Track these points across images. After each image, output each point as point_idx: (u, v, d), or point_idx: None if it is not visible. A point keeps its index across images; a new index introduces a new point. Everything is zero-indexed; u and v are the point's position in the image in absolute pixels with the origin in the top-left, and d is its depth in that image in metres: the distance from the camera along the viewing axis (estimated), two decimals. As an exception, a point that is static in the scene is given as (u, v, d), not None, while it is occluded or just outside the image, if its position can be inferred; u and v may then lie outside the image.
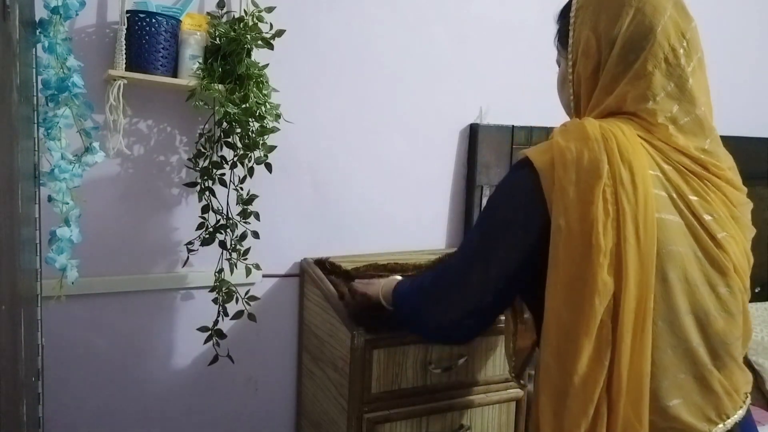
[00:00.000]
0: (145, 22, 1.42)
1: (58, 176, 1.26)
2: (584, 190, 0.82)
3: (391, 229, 1.87)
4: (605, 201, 0.82)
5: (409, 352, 1.43)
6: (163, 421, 1.69)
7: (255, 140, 1.52)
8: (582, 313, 0.82)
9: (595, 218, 0.81)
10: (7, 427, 0.88)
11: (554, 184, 0.84)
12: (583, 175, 0.83)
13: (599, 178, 0.82)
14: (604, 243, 0.81)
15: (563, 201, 0.83)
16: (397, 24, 1.82)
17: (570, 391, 0.84)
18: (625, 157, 0.84)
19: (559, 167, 0.84)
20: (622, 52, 0.90)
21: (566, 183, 0.83)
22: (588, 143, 0.84)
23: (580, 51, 0.94)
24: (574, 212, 0.82)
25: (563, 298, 0.84)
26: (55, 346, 1.51)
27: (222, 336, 1.58)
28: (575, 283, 0.83)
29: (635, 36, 0.89)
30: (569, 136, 0.87)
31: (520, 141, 1.94)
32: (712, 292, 0.87)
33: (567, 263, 0.83)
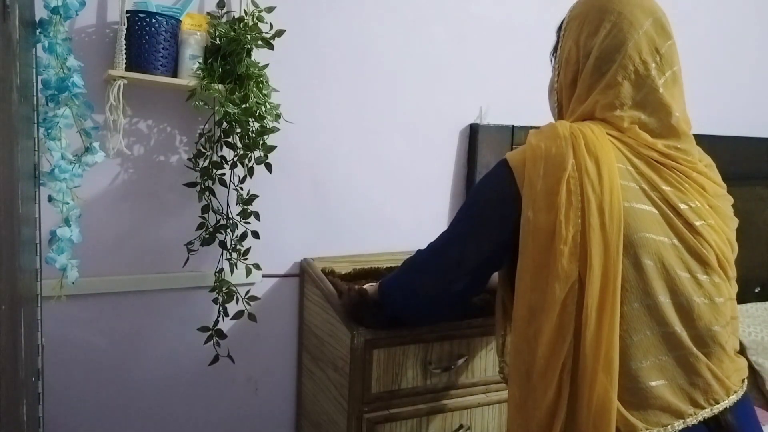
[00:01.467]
0: (145, 22, 1.42)
1: (58, 176, 1.26)
2: (550, 182, 0.88)
3: (391, 229, 1.87)
4: (569, 192, 0.87)
5: (409, 352, 1.43)
6: (163, 421, 1.69)
7: (255, 140, 1.52)
8: (545, 297, 0.88)
9: (559, 208, 0.87)
10: (7, 427, 0.88)
11: (525, 179, 0.91)
12: (550, 169, 0.89)
13: (564, 170, 0.88)
14: (565, 231, 0.86)
15: (531, 194, 0.89)
16: (397, 24, 1.82)
17: (533, 370, 0.90)
18: (591, 151, 0.89)
19: (529, 163, 0.91)
20: (596, 63, 0.96)
21: (534, 177, 0.90)
22: (556, 141, 0.91)
23: (563, 60, 1.02)
24: (541, 203, 0.88)
25: (530, 283, 0.90)
26: (55, 346, 1.51)
27: (222, 336, 1.59)
28: (541, 269, 0.89)
29: (608, 49, 0.95)
30: (540, 136, 0.94)
31: (520, 141, 1.94)
32: (693, 279, 0.90)
33: (534, 252, 0.89)
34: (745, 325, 2.03)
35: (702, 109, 1.04)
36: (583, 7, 1.01)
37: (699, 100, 1.04)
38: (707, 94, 2.05)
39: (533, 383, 0.90)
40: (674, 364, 0.89)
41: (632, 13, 0.96)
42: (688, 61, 1.03)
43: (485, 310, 1.52)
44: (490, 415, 1.54)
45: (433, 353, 1.45)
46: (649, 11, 0.98)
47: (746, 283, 2.28)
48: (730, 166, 1.18)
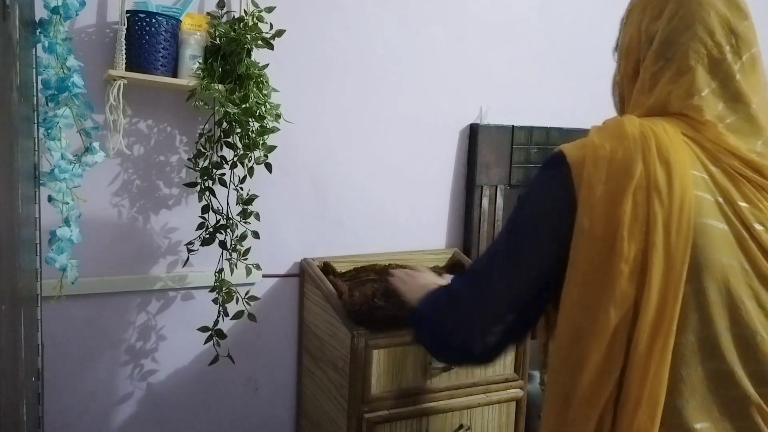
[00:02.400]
0: (145, 22, 1.42)
1: (58, 176, 1.26)
2: (613, 189, 0.77)
3: (391, 229, 1.87)
4: (635, 204, 0.76)
5: (409, 352, 1.43)
6: (163, 420, 1.69)
7: (255, 140, 1.52)
8: (596, 320, 0.77)
9: (621, 221, 0.76)
10: (7, 427, 0.88)
11: (583, 181, 0.79)
12: (614, 174, 0.77)
13: (630, 179, 0.77)
14: (627, 249, 0.76)
15: (589, 200, 0.78)
16: (397, 24, 1.82)
17: (574, 397, 0.80)
18: (663, 155, 0.78)
19: (589, 164, 0.79)
20: (661, 47, 0.86)
21: (595, 181, 0.78)
22: (624, 141, 0.79)
23: (624, 50, 0.92)
24: (600, 212, 0.77)
25: (578, 299, 0.79)
26: (55, 346, 1.51)
27: (222, 336, 1.58)
28: (592, 286, 0.78)
29: (675, 30, 0.85)
30: (605, 134, 0.82)
31: (520, 141, 1.94)
32: (761, 310, 0.79)
33: (586, 265, 0.78)
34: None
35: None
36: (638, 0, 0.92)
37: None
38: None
39: (572, 412, 0.81)
40: (722, 405, 0.79)
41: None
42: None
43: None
44: (490, 415, 1.54)
45: (433, 353, 1.45)
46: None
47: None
48: None
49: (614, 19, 1.05)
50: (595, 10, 2.08)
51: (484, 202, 1.92)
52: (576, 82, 2.08)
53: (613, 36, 0.98)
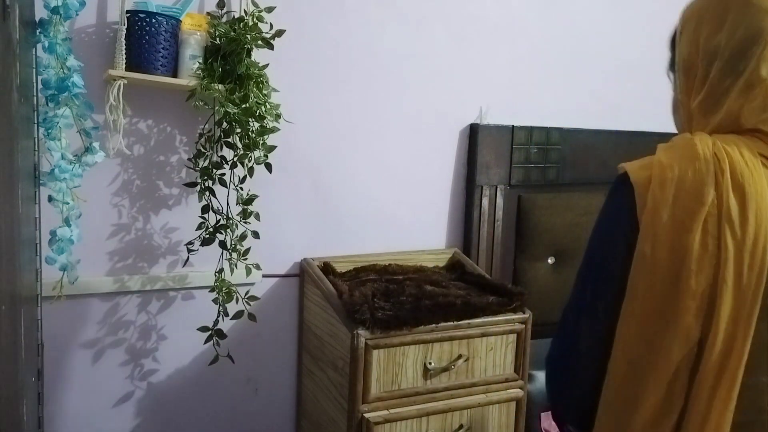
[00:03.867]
0: (145, 22, 1.42)
1: (59, 176, 1.26)
2: (681, 215, 0.71)
3: (391, 229, 1.87)
4: (705, 233, 0.70)
5: (409, 352, 1.43)
6: (163, 420, 1.69)
7: (255, 140, 1.52)
8: (656, 356, 0.72)
9: (689, 251, 0.70)
10: (7, 427, 0.88)
11: (647, 204, 0.74)
12: (683, 198, 0.72)
13: (702, 204, 0.71)
14: (696, 284, 0.70)
15: (653, 225, 0.72)
16: (397, 24, 1.82)
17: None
18: (737, 181, 0.71)
19: (655, 185, 0.73)
20: (729, 62, 0.79)
21: (661, 204, 0.72)
22: (694, 163, 0.73)
23: (682, 69, 0.85)
24: (665, 239, 0.72)
25: (636, 331, 0.74)
26: (55, 346, 1.51)
27: (222, 336, 1.58)
28: (654, 319, 0.73)
29: (742, 42, 0.78)
30: (674, 153, 0.76)
31: (520, 141, 1.94)
32: None
33: (646, 295, 0.73)
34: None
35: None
36: (695, 6, 0.84)
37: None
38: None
39: None
40: None
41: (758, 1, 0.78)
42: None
43: (485, 310, 1.52)
44: (490, 415, 1.54)
45: (433, 353, 1.45)
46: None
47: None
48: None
49: (614, 19, 1.04)
50: (595, 10, 2.08)
51: (484, 202, 1.92)
52: (576, 82, 2.08)
53: (612, 36, 0.97)
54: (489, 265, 1.93)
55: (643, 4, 2.13)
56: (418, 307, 1.44)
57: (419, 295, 1.52)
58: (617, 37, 2.12)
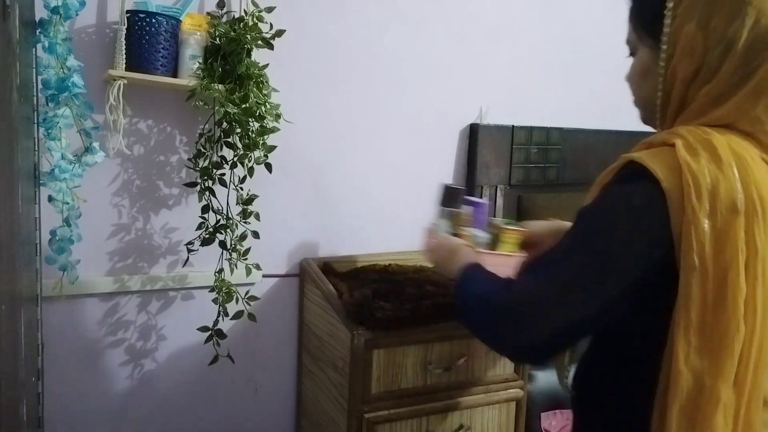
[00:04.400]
0: (145, 22, 1.42)
1: (59, 176, 1.26)
2: (721, 225, 0.74)
3: (391, 229, 1.87)
4: (740, 239, 0.74)
5: (409, 352, 1.43)
6: (163, 421, 1.69)
7: (255, 140, 1.52)
8: (719, 360, 0.75)
9: (734, 258, 0.74)
10: (7, 427, 0.88)
11: (684, 213, 0.74)
12: (719, 207, 0.74)
13: (737, 213, 0.74)
14: (744, 284, 0.74)
15: (697, 236, 0.74)
16: (397, 24, 1.82)
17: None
18: (757, 185, 0.75)
19: (692, 195, 0.74)
20: (743, 59, 0.78)
21: (701, 215, 0.74)
22: (722, 167, 0.75)
23: (682, 47, 0.81)
24: (709, 249, 0.74)
25: (697, 345, 0.75)
26: (55, 346, 1.51)
27: (222, 336, 1.58)
28: (710, 327, 0.75)
29: (758, 42, 0.77)
30: (700, 157, 0.76)
31: (520, 141, 1.94)
32: None
33: (701, 307, 0.75)
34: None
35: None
36: None
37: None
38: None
39: None
40: None
41: None
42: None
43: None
44: (490, 415, 1.54)
45: (433, 353, 1.45)
46: None
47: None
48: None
49: (614, 19, 1.03)
50: (595, 10, 2.08)
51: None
52: (576, 82, 2.08)
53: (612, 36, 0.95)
54: (489, 265, 1.93)
55: (643, 4, 2.13)
56: (418, 307, 1.44)
57: (419, 295, 1.52)
58: (617, 37, 2.11)
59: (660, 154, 0.78)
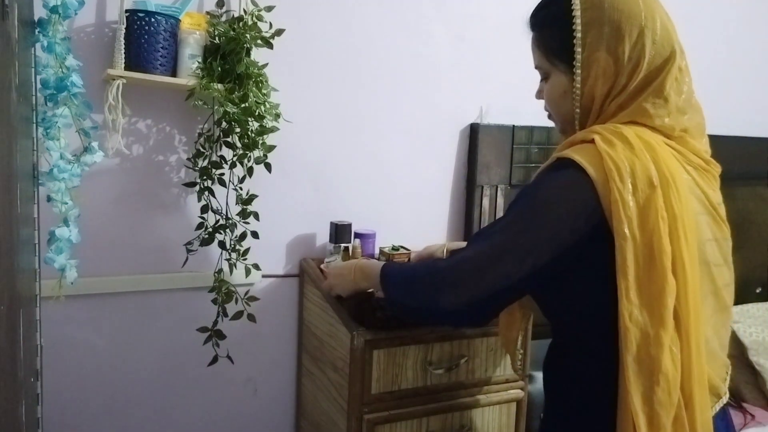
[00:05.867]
0: (144, 22, 1.42)
1: (57, 176, 1.25)
2: (642, 200, 0.88)
3: (391, 228, 1.87)
4: (660, 208, 0.88)
5: (409, 352, 1.43)
6: (162, 421, 1.69)
7: (254, 140, 1.52)
8: (658, 314, 0.87)
9: (656, 225, 0.87)
10: (7, 427, 0.88)
11: (611, 193, 0.88)
12: (639, 185, 0.88)
13: (653, 187, 0.88)
14: (667, 246, 0.87)
15: (625, 211, 0.87)
16: (397, 24, 1.82)
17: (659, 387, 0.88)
18: (667, 164, 0.90)
19: (616, 179, 0.88)
20: (647, 76, 0.95)
21: (625, 193, 0.87)
22: (635, 153, 0.90)
23: (596, 71, 0.96)
24: (636, 221, 0.87)
25: (638, 303, 0.88)
26: (54, 346, 1.51)
27: (221, 336, 1.58)
28: (647, 287, 0.88)
29: (657, 57, 0.95)
30: (616, 147, 0.90)
31: (520, 141, 1.94)
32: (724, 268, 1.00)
33: (636, 270, 0.88)
34: (746, 326, 2.03)
35: (706, 110, 1.03)
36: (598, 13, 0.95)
37: (702, 101, 1.03)
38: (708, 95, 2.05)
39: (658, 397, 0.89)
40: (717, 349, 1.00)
41: (661, 18, 0.96)
42: (691, 61, 1.03)
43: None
44: (490, 416, 1.54)
45: (433, 353, 1.45)
46: (663, 10, 0.98)
47: (747, 283, 2.28)
48: (731, 166, 1.18)
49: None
50: (596, 10, 2.08)
51: (484, 202, 1.91)
52: (576, 81, 2.08)
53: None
54: (489, 265, 1.93)
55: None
56: (418, 308, 1.44)
57: (419, 295, 1.52)
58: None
59: (583, 149, 0.93)
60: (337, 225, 1.69)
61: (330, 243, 1.71)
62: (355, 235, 1.70)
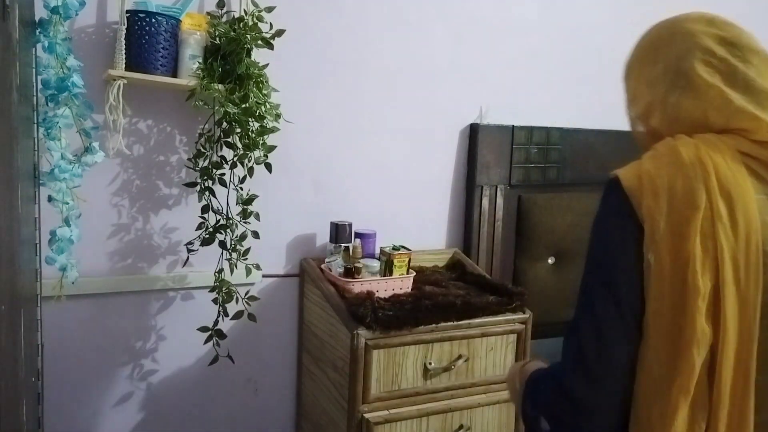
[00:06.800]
0: (145, 22, 1.42)
1: (58, 176, 1.26)
2: (678, 222, 0.73)
3: (391, 229, 1.87)
4: (704, 236, 0.72)
5: (409, 352, 1.43)
6: (162, 421, 1.69)
7: (255, 140, 1.52)
8: (677, 367, 0.72)
9: (692, 255, 0.72)
10: (8, 426, 0.88)
11: (644, 212, 0.75)
12: (677, 206, 0.73)
13: (696, 209, 0.73)
14: (703, 284, 0.71)
15: (652, 234, 0.74)
16: (397, 24, 1.82)
17: None
18: (723, 186, 0.74)
19: (648, 195, 0.75)
20: (671, 80, 0.83)
21: (657, 214, 0.74)
22: (683, 169, 0.75)
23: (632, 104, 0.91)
24: (665, 247, 0.73)
25: (656, 345, 0.74)
26: (54, 346, 1.51)
27: (222, 336, 1.58)
28: (669, 329, 0.73)
29: (678, 60, 0.83)
30: (660, 162, 0.77)
31: (520, 141, 1.94)
32: None
33: (659, 306, 0.74)
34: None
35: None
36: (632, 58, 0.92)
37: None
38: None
39: None
40: None
41: None
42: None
43: (485, 310, 1.52)
44: (490, 415, 1.54)
45: (433, 353, 1.45)
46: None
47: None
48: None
49: (613, 19, 1.04)
50: (595, 10, 2.08)
51: (484, 202, 1.91)
52: (576, 81, 2.08)
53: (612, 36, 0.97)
54: (489, 265, 1.93)
55: (643, 5, 2.13)
56: (418, 307, 1.44)
57: (419, 295, 1.52)
58: (617, 37, 2.11)
59: (633, 164, 0.81)
60: (337, 225, 1.69)
61: (330, 243, 1.71)
62: (355, 235, 1.70)
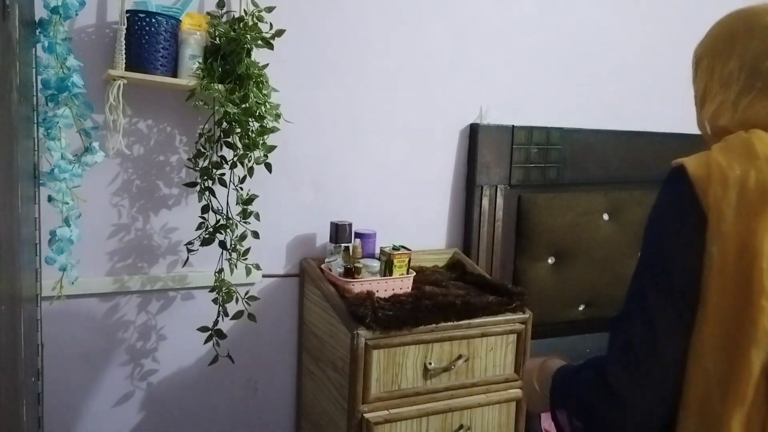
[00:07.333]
0: (145, 22, 1.42)
1: (58, 176, 1.26)
2: (747, 216, 0.69)
3: (391, 229, 1.87)
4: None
5: (409, 352, 1.43)
6: (162, 420, 1.69)
7: (255, 140, 1.52)
8: (734, 368, 0.69)
9: (760, 251, 0.68)
10: (7, 426, 0.88)
11: (710, 202, 0.71)
12: (747, 200, 0.70)
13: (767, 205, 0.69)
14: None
15: (719, 226, 0.70)
16: (397, 24, 1.82)
17: None
18: None
19: (716, 185, 0.71)
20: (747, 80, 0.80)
21: (725, 205, 0.70)
22: (756, 163, 0.71)
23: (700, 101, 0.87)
24: (732, 241, 0.69)
25: (712, 343, 0.70)
26: (54, 346, 1.51)
27: (222, 336, 1.58)
28: (729, 326, 0.69)
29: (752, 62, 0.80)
30: (732, 153, 0.74)
31: (520, 141, 1.94)
32: None
33: (720, 301, 0.70)
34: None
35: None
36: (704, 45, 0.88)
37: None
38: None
39: None
40: None
41: None
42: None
43: (485, 310, 1.52)
44: (490, 415, 1.54)
45: (433, 353, 1.45)
46: None
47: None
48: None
49: (614, 19, 1.04)
50: (595, 10, 2.08)
51: (484, 202, 1.92)
52: (576, 81, 2.08)
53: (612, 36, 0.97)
54: (489, 265, 1.93)
55: (643, 5, 2.13)
56: (418, 307, 1.44)
57: (419, 295, 1.52)
58: (617, 37, 2.12)
59: (702, 155, 0.77)
60: (337, 225, 1.69)
61: (330, 243, 1.71)
62: (355, 235, 1.70)
